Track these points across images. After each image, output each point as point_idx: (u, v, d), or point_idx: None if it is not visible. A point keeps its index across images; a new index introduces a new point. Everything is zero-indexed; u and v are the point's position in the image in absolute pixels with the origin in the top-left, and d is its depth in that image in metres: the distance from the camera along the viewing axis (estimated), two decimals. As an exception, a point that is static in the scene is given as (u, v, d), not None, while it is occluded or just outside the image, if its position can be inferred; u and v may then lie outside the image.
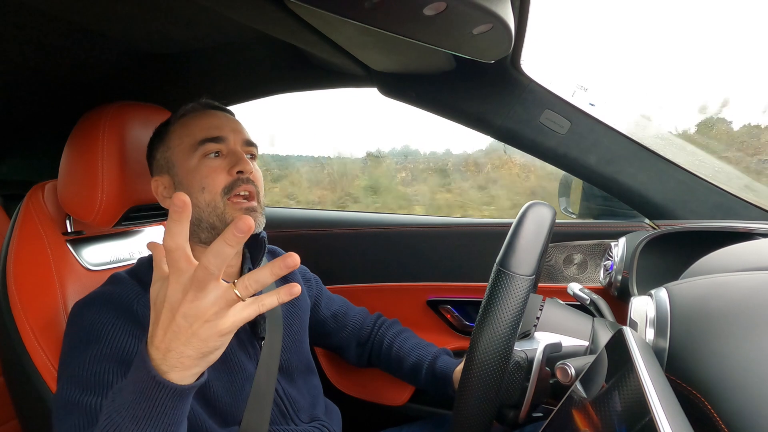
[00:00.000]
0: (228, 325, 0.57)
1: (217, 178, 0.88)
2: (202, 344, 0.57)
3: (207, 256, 0.53)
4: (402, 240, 1.45)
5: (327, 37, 0.95)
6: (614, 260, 1.11)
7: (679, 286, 0.57)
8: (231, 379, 0.88)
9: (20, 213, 0.96)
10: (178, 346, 0.57)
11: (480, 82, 1.20)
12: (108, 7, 0.98)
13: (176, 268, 0.55)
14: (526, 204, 0.69)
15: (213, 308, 0.55)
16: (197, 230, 0.90)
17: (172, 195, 0.88)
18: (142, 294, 0.84)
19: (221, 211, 0.87)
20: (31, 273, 0.91)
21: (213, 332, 0.56)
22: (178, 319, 0.56)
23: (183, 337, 0.56)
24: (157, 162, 0.93)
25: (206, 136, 0.89)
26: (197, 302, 0.55)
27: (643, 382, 0.41)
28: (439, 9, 0.66)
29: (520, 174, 2.76)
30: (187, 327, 0.56)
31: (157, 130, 0.95)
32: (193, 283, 0.54)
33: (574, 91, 1.20)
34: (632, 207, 1.21)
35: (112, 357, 0.76)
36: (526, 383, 0.69)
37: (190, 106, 0.94)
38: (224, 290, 0.56)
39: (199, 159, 0.88)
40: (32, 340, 0.85)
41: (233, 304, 0.57)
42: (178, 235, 0.54)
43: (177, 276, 0.56)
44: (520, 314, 0.63)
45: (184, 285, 0.55)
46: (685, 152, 1.30)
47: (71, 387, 0.74)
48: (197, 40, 1.23)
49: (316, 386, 1.07)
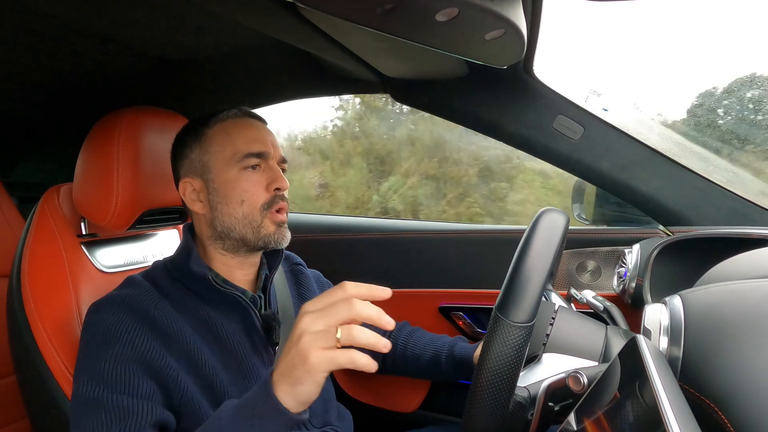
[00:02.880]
0: (316, 361, 0.59)
1: (256, 193, 0.90)
2: (288, 370, 0.62)
3: (359, 311, 0.60)
4: (415, 246, 1.45)
5: (340, 44, 0.96)
6: (628, 267, 1.10)
7: (693, 294, 0.56)
8: (245, 384, 0.88)
9: (35, 215, 0.97)
10: (289, 362, 0.62)
11: (493, 87, 1.20)
12: (122, 14, 0.99)
13: (334, 310, 0.60)
14: (539, 210, 0.69)
15: (313, 339, 0.60)
16: (224, 237, 0.91)
17: (203, 199, 0.91)
18: (160, 299, 0.85)
19: (258, 224, 0.90)
20: (46, 274, 0.92)
21: (299, 360, 0.60)
22: (294, 336, 0.61)
23: (291, 357, 0.61)
24: (191, 162, 0.92)
25: (250, 150, 0.90)
26: (310, 329, 0.60)
27: (657, 391, 0.41)
28: (452, 15, 0.66)
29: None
30: (296, 349, 0.61)
31: (193, 129, 0.94)
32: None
33: (588, 96, 1.20)
34: (646, 213, 1.20)
35: (132, 358, 0.77)
36: (530, 417, 0.69)
37: (232, 112, 0.94)
38: (331, 329, 0.60)
39: (238, 170, 0.89)
40: (45, 340, 0.85)
41: (331, 342, 0.60)
42: (367, 309, 0.60)
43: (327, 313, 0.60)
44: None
45: (321, 309, 0.61)
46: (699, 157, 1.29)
47: (93, 385, 0.75)
48: (211, 47, 1.24)
49: (328, 391, 1.07)
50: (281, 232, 0.92)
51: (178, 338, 0.83)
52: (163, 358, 0.80)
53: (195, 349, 0.84)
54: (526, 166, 2.77)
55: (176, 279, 0.90)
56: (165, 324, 0.82)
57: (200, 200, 0.92)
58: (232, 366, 0.88)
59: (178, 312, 0.85)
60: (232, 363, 0.88)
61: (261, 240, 0.91)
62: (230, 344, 0.88)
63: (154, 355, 0.79)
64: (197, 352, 0.84)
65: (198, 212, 0.93)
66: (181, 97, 1.44)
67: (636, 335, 0.51)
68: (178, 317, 0.85)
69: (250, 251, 0.94)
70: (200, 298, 0.89)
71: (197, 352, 0.84)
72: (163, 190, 1.00)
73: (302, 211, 1.95)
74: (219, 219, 0.90)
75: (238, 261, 0.95)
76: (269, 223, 0.90)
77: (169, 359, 0.80)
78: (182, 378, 0.81)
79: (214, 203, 0.90)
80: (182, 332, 0.83)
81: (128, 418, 0.73)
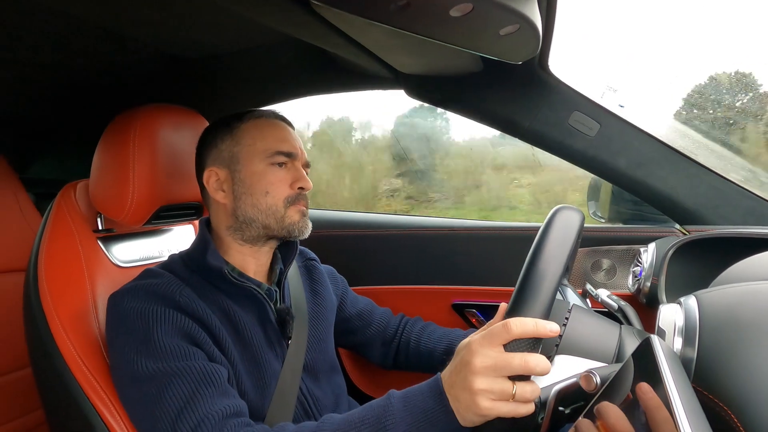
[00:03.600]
0: (486, 405, 0.62)
1: (281, 187, 0.93)
2: (457, 402, 0.65)
3: (534, 367, 0.61)
4: (428, 243, 1.45)
5: (354, 40, 0.96)
6: (643, 266, 1.09)
7: (708, 294, 0.55)
8: (259, 376, 0.89)
9: (52, 211, 0.99)
10: (456, 391, 0.65)
11: (508, 83, 1.19)
12: (138, 12, 1.00)
13: (511, 367, 0.61)
14: (554, 208, 0.68)
15: (488, 390, 0.61)
16: (245, 228, 0.94)
17: (227, 189, 0.93)
18: (183, 286, 0.87)
19: (281, 215, 0.93)
20: (62, 268, 0.94)
21: (472, 402, 0.62)
22: (465, 371, 0.63)
23: (459, 386, 0.64)
24: (220, 152, 0.95)
25: (280, 149, 0.94)
26: (486, 377, 0.62)
27: (670, 393, 0.40)
28: (466, 10, 0.66)
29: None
30: (464, 382, 0.63)
31: (225, 122, 0.97)
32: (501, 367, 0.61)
33: (603, 92, 1.18)
34: (662, 212, 1.19)
35: (176, 333, 0.80)
36: (540, 420, 0.68)
37: (267, 112, 0.98)
38: (507, 384, 0.61)
39: (266, 165, 0.93)
40: (61, 333, 0.87)
41: (506, 397, 0.62)
42: (542, 367, 0.61)
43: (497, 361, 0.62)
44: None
45: (496, 359, 0.62)
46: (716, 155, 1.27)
47: (155, 361, 0.77)
48: (226, 44, 1.25)
49: (339, 385, 1.08)
50: (305, 222, 0.95)
51: (206, 322, 0.85)
52: (200, 333, 0.82)
53: (221, 333, 0.86)
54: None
55: (194, 271, 0.92)
56: (192, 308, 0.84)
57: (223, 190, 0.94)
58: (247, 357, 0.89)
59: (201, 299, 0.87)
60: (247, 354, 0.89)
61: (285, 229, 0.93)
62: (247, 336, 0.90)
63: (193, 331, 0.82)
64: (223, 337, 0.86)
65: (220, 201, 0.95)
66: (196, 95, 1.45)
67: (650, 335, 0.51)
68: (203, 304, 0.86)
69: (267, 240, 0.96)
70: (218, 289, 0.91)
71: (223, 338, 0.86)
72: (179, 186, 1.01)
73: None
74: (242, 209, 0.93)
75: (254, 250, 0.97)
76: (294, 212, 0.93)
77: (204, 335, 0.83)
78: (216, 356, 0.83)
79: (238, 193, 0.93)
80: (209, 317, 0.85)
81: (211, 378, 0.77)
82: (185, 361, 0.77)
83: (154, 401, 0.75)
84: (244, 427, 0.75)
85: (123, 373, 0.80)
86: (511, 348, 0.62)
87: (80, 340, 0.87)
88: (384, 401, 0.71)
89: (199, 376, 0.76)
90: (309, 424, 0.76)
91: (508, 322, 0.62)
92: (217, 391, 0.77)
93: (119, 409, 0.83)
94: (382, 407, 0.70)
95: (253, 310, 0.93)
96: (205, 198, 0.99)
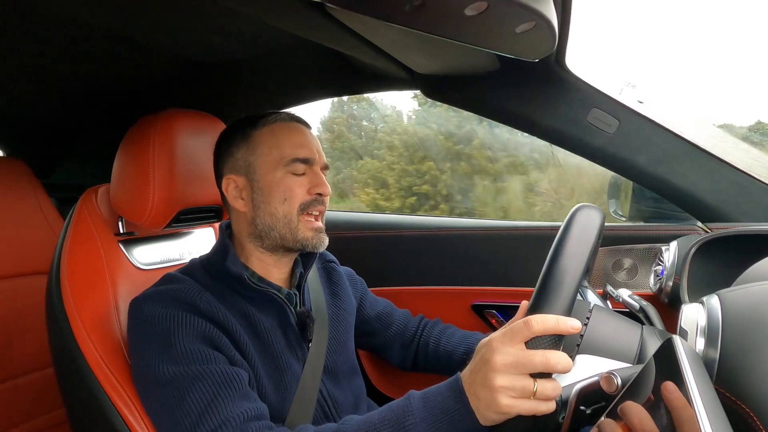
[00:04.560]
0: (507, 403, 0.61)
1: (298, 193, 0.92)
2: (477, 401, 0.64)
3: (555, 365, 0.60)
4: (447, 243, 1.44)
5: (369, 41, 0.96)
6: (665, 265, 1.07)
7: (731, 293, 0.54)
8: (279, 379, 0.90)
9: (74, 214, 1.00)
10: (476, 389, 0.65)
11: (525, 81, 1.18)
12: (156, 20, 1.01)
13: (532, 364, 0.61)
14: (575, 207, 0.67)
15: (509, 387, 0.61)
16: (264, 236, 0.93)
17: (246, 197, 0.93)
18: (203, 291, 0.87)
19: (294, 226, 0.92)
20: (84, 271, 0.95)
21: (492, 399, 0.62)
22: (485, 369, 0.63)
23: (479, 383, 0.64)
24: (236, 161, 0.94)
25: (297, 155, 0.92)
26: (507, 374, 0.61)
27: (692, 394, 0.39)
28: (481, 9, 0.65)
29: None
30: (484, 380, 0.63)
31: (240, 129, 0.96)
32: (522, 363, 0.61)
33: (622, 89, 1.17)
34: (683, 209, 1.17)
35: (197, 337, 0.81)
36: (560, 419, 0.68)
37: (280, 116, 0.96)
38: (527, 381, 0.61)
39: (284, 173, 0.91)
40: (83, 335, 0.88)
41: (527, 395, 0.61)
42: (564, 364, 0.61)
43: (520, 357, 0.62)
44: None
45: (517, 356, 0.61)
46: (739, 150, 1.25)
47: (177, 365, 0.78)
48: (243, 49, 1.26)
49: (359, 387, 1.08)
50: (319, 238, 0.94)
51: (227, 327, 0.85)
52: (220, 338, 0.83)
53: (242, 337, 0.86)
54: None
55: (214, 276, 0.92)
56: (212, 313, 0.85)
57: (242, 198, 0.94)
58: (268, 361, 0.89)
59: (222, 304, 0.87)
60: (268, 358, 0.89)
61: (299, 243, 0.93)
62: (268, 340, 0.90)
63: (214, 335, 0.82)
64: (244, 341, 0.86)
65: (239, 210, 0.94)
66: (214, 99, 1.46)
67: (672, 336, 0.50)
68: (223, 308, 0.87)
69: (286, 252, 0.96)
70: (239, 294, 0.91)
71: (244, 342, 0.86)
72: (199, 189, 1.02)
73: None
74: (260, 217, 0.92)
75: (275, 260, 0.97)
76: (304, 228, 0.92)
77: (225, 339, 0.83)
78: (237, 360, 0.84)
79: (257, 202, 0.92)
80: (229, 322, 0.85)
81: (231, 382, 0.78)
82: (206, 365, 0.78)
83: (175, 404, 0.76)
84: (266, 430, 0.75)
85: (144, 376, 0.81)
86: (532, 345, 0.62)
87: (102, 342, 0.88)
88: (404, 402, 0.71)
89: (220, 380, 0.77)
90: (329, 426, 0.76)
91: (530, 318, 0.62)
92: (238, 394, 0.77)
93: (140, 411, 0.84)
94: (401, 407, 0.70)
95: (274, 314, 0.93)
96: (225, 204, 0.98)
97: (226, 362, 0.81)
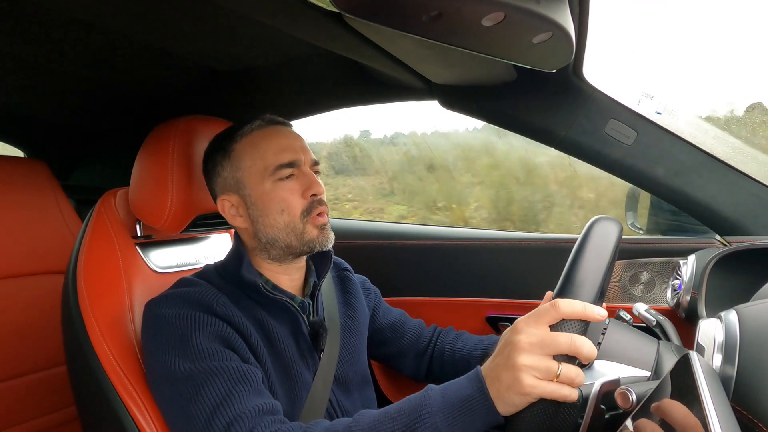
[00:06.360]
0: (530, 383, 0.61)
1: (294, 201, 0.90)
2: (498, 383, 0.64)
3: (580, 347, 0.60)
4: (462, 254, 1.44)
5: (386, 52, 0.96)
6: (683, 279, 1.05)
7: (750, 309, 0.53)
8: (290, 387, 0.90)
9: (93, 217, 1.01)
10: (498, 372, 0.64)
11: (542, 92, 1.17)
12: (177, 28, 1.03)
13: (556, 345, 0.61)
14: (592, 219, 0.67)
15: (533, 367, 0.61)
16: (269, 248, 0.93)
17: (243, 214, 0.92)
18: (219, 294, 0.88)
19: (300, 231, 0.91)
20: (101, 272, 0.96)
21: (514, 379, 0.61)
22: (509, 349, 0.63)
23: (501, 365, 0.64)
24: (224, 180, 0.94)
25: (281, 161, 0.90)
26: (532, 354, 0.61)
27: (707, 412, 0.39)
28: (498, 19, 0.66)
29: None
30: (507, 360, 0.63)
31: (220, 146, 0.95)
32: (547, 344, 0.61)
33: (640, 99, 1.16)
34: (702, 222, 1.15)
35: (213, 337, 0.81)
36: (579, 420, 0.67)
37: (256, 124, 0.94)
38: (552, 363, 0.61)
39: (273, 182, 0.90)
40: (98, 335, 0.89)
41: (551, 377, 0.61)
42: (588, 350, 0.61)
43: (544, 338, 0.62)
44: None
45: (543, 337, 0.61)
46: (757, 162, 1.23)
47: (193, 362, 0.78)
48: (261, 57, 1.27)
49: (370, 398, 1.07)
50: (324, 234, 0.93)
51: (242, 330, 0.85)
52: (236, 339, 0.83)
53: (255, 342, 0.86)
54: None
55: (228, 282, 0.93)
56: (228, 315, 0.85)
57: (240, 215, 0.94)
58: (279, 368, 0.89)
59: (237, 308, 0.88)
60: (279, 365, 0.89)
61: (306, 245, 0.92)
62: (280, 347, 0.90)
63: (229, 336, 0.83)
64: (257, 345, 0.86)
65: (240, 227, 0.95)
66: (232, 107, 1.48)
67: (689, 351, 0.49)
68: (238, 312, 0.87)
69: (296, 257, 0.96)
70: (253, 300, 0.92)
71: (257, 346, 0.86)
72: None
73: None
74: (262, 231, 0.92)
75: (284, 268, 0.97)
76: (311, 228, 0.91)
77: (240, 341, 0.84)
78: (252, 361, 0.84)
79: (254, 216, 0.92)
80: (244, 325, 0.86)
81: (246, 378, 0.78)
82: (221, 362, 0.78)
83: (189, 399, 0.76)
84: (279, 424, 0.75)
85: (159, 374, 0.82)
86: (557, 329, 0.62)
87: (116, 343, 0.89)
88: (422, 393, 0.71)
89: (235, 376, 0.77)
90: (343, 421, 0.75)
91: (557, 301, 0.61)
92: (253, 390, 0.78)
93: (151, 413, 0.85)
94: (419, 398, 0.70)
95: (287, 322, 0.93)
96: (229, 222, 0.98)
97: (240, 361, 0.82)
